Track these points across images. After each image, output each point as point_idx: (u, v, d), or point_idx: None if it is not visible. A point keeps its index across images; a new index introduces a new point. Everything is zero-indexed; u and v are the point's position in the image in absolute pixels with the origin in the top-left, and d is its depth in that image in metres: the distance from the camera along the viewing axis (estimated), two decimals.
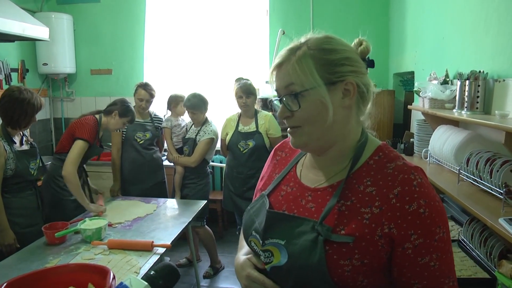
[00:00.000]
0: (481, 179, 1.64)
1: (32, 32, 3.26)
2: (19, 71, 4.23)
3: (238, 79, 3.15)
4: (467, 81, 1.89)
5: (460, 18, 2.28)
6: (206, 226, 3.32)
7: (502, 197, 1.46)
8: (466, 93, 1.89)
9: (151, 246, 2.08)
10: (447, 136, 2.07)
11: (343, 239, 0.79)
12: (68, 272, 1.42)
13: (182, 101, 3.36)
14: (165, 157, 3.73)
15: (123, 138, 3.28)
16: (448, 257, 0.80)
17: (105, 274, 1.35)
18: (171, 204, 2.94)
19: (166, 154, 3.54)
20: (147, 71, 4.55)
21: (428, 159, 2.28)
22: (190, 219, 2.60)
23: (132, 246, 2.10)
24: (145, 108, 3.30)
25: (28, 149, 2.45)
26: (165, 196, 3.37)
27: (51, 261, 1.96)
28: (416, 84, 2.68)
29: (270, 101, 3.21)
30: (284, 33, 4.18)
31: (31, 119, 2.38)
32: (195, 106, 3.13)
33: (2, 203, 2.23)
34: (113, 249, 2.08)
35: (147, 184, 3.31)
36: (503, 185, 1.47)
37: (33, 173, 2.43)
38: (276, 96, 0.90)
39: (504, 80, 1.74)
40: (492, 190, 1.56)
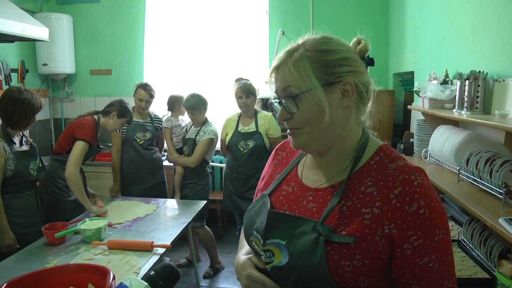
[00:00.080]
0: (481, 179, 1.64)
1: (32, 33, 3.26)
2: (19, 72, 4.22)
3: (238, 79, 3.15)
4: (467, 81, 1.89)
5: (459, 19, 2.28)
6: (206, 226, 3.31)
7: (502, 197, 1.46)
8: (466, 93, 1.89)
9: (151, 246, 2.08)
10: (447, 136, 2.07)
11: (344, 240, 0.79)
12: (68, 273, 1.42)
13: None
14: (165, 157, 3.73)
15: (123, 138, 3.28)
16: (447, 259, 0.79)
17: (105, 274, 1.35)
18: (171, 204, 2.94)
19: (166, 154, 3.55)
20: (147, 71, 4.55)
21: (428, 159, 2.28)
22: (190, 219, 2.60)
23: (132, 246, 2.10)
24: (144, 109, 3.30)
25: (28, 149, 2.45)
26: (165, 196, 3.37)
27: (51, 261, 1.96)
28: (416, 84, 2.68)
29: (270, 103, 3.22)
30: (283, 33, 4.18)
31: (31, 119, 2.38)
32: (194, 106, 3.13)
33: (2, 204, 2.23)
34: (113, 249, 2.08)
35: (147, 184, 3.31)
36: (503, 185, 1.47)
37: (32, 173, 2.42)
38: (276, 97, 0.90)
39: (504, 80, 1.74)
40: (492, 190, 1.56)
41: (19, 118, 2.31)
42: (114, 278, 1.34)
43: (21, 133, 2.44)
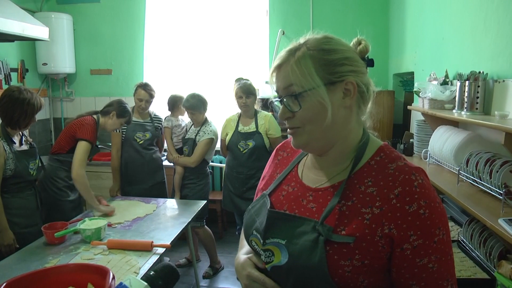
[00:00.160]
0: (480, 180, 1.64)
1: (32, 32, 3.26)
2: (19, 71, 4.22)
3: (238, 79, 3.15)
4: (467, 82, 1.89)
5: (459, 19, 2.28)
6: (206, 226, 3.31)
7: (501, 197, 1.46)
8: (466, 94, 1.89)
9: (150, 246, 2.08)
10: (446, 136, 2.07)
11: (343, 240, 0.79)
12: (67, 272, 1.42)
13: None
14: (165, 157, 3.73)
15: (123, 138, 3.28)
16: (447, 259, 0.79)
17: (104, 274, 1.35)
18: (170, 204, 2.94)
19: (166, 154, 3.55)
20: (147, 71, 4.55)
21: (428, 159, 2.28)
22: (190, 219, 2.60)
23: (131, 246, 2.10)
24: (144, 108, 3.30)
25: (28, 149, 2.45)
26: (165, 196, 3.37)
27: (51, 261, 1.96)
28: (416, 84, 2.68)
29: (271, 102, 3.22)
30: (284, 33, 4.18)
31: (31, 119, 2.37)
32: (194, 106, 3.13)
33: (1, 204, 2.22)
34: (113, 249, 2.08)
35: (147, 184, 3.31)
36: (503, 186, 1.47)
37: (32, 173, 2.42)
38: (276, 96, 0.90)
39: (504, 81, 1.74)
40: (491, 191, 1.56)
41: (19, 118, 2.31)
42: (113, 278, 1.34)
43: (20, 133, 2.44)
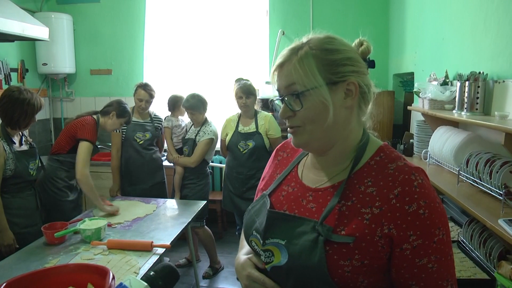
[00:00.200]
0: (480, 180, 1.64)
1: (32, 32, 3.26)
2: (19, 71, 4.22)
3: (238, 80, 3.15)
4: (467, 82, 1.89)
5: (459, 19, 2.28)
6: (206, 226, 3.31)
7: (501, 198, 1.46)
8: (466, 94, 1.89)
9: (150, 246, 2.08)
10: (446, 137, 2.07)
11: (343, 240, 0.79)
12: (67, 272, 1.42)
13: None
14: (165, 157, 3.73)
15: (123, 138, 3.29)
16: (447, 260, 0.79)
17: (104, 274, 1.35)
18: (170, 205, 2.94)
19: (166, 154, 3.55)
20: (147, 71, 4.55)
21: (428, 160, 2.28)
22: (190, 220, 2.60)
23: (131, 246, 2.10)
24: (144, 109, 3.30)
25: (28, 149, 2.45)
26: (165, 196, 3.37)
27: (51, 261, 1.96)
28: (416, 85, 2.68)
29: (271, 101, 3.22)
30: (284, 33, 4.18)
31: (31, 119, 2.37)
32: (193, 106, 3.13)
33: (1, 204, 2.22)
34: (113, 249, 2.08)
35: (147, 184, 3.31)
36: (503, 186, 1.47)
37: (32, 173, 2.42)
38: (277, 96, 0.90)
39: (504, 81, 1.74)
40: (491, 191, 1.56)
41: (19, 118, 2.31)
42: (113, 278, 1.34)
43: (20, 133, 2.44)
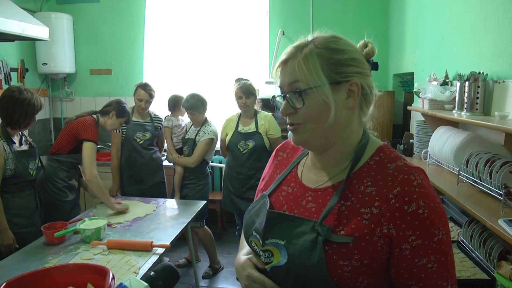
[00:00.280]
0: (480, 180, 1.64)
1: (32, 32, 3.26)
2: (19, 71, 4.22)
3: (238, 80, 3.15)
4: (467, 82, 1.89)
5: (459, 20, 2.28)
6: (206, 226, 3.31)
7: (501, 198, 1.46)
8: (466, 94, 1.89)
9: (150, 246, 2.08)
10: (446, 137, 2.07)
11: (342, 240, 0.78)
12: (67, 272, 1.42)
13: None
14: (165, 157, 3.73)
15: (123, 138, 3.29)
16: (447, 260, 0.79)
17: (104, 274, 1.35)
18: (170, 205, 2.94)
19: (166, 154, 3.55)
20: (147, 71, 4.55)
21: (428, 160, 2.28)
22: (190, 220, 2.60)
23: (131, 246, 2.10)
24: (144, 109, 3.30)
25: (27, 149, 2.45)
26: (165, 196, 3.37)
27: (50, 261, 1.96)
28: (416, 85, 2.68)
29: (273, 98, 3.22)
30: (284, 33, 4.18)
31: (31, 119, 2.37)
32: (193, 106, 3.13)
33: (1, 204, 2.22)
34: (113, 249, 2.08)
35: (147, 184, 3.31)
36: (503, 186, 1.47)
37: (32, 173, 2.42)
38: (279, 93, 0.90)
39: (504, 81, 1.74)
40: (491, 191, 1.56)
41: (19, 118, 2.31)
42: (113, 278, 1.34)
43: (20, 133, 2.44)
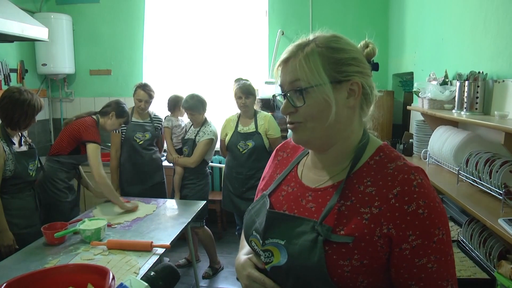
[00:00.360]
0: (480, 180, 1.64)
1: (31, 33, 3.25)
2: (18, 72, 4.22)
3: (238, 80, 3.15)
4: (467, 82, 1.89)
5: (459, 19, 2.28)
6: (205, 226, 3.31)
7: (501, 197, 1.46)
8: (466, 94, 1.89)
9: (150, 247, 2.08)
10: (446, 136, 2.07)
11: (342, 239, 0.78)
12: (67, 273, 1.42)
13: None
14: (165, 157, 3.73)
15: (123, 138, 3.29)
16: (447, 260, 0.79)
17: (104, 274, 1.35)
18: (170, 205, 2.94)
19: (166, 154, 3.54)
20: (147, 71, 4.55)
21: (428, 159, 2.28)
22: (190, 220, 2.60)
23: (131, 246, 2.10)
24: (144, 109, 3.30)
25: (27, 150, 2.45)
26: (165, 196, 3.37)
27: (51, 261, 1.95)
28: (416, 84, 2.68)
29: (274, 97, 3.22)
30: (283, 33, 4.18)
31: (31, 120, 2.37)
32: (193, 107, 3.13)
33: (1, 205, 2.22)
34: (113, 249, 2.08)
35: (147, 184, 3.31)
36: (503, 186, 1.47)
37: (31, 174, 2.42)
38: (279, 92, 0.90)
39: (504, 81, 1.74)
40: (491, 191, 1.56)
41: (19, 119, 2.31)
42: (113, 278, 1.34)
43: (20, 134, 2.44)
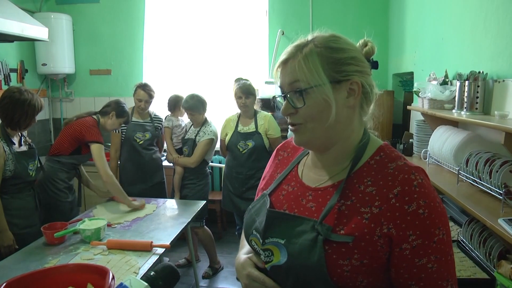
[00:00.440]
0: (480, 180, 1.64)
1: (31, 32, 3.25)
2: (18, 72, 4.22)
3: (238, 80, 3.14)
4: (467, 82, 1.89)
5: (459, 19, 2.28)
6: (205, 226, 3.31)
7: (501, 197, 1.46)
8: (466, 94, 1.89)
9: (150, 247, 2.08)
10: (446, 136, 2.07)
11: (342, 239, 0.78)
12: (67, 272, 1.42)
13: None
14: (165, 157, 3.73)
15: (123, 138, 3.29)
16: (447, 260, 0.79)
17: (104, 274, 1.35)
18: (170, 205, 2.94)
19: (166, 154, 3.54)
20: (147, 71, 4.55)
21: (428, 159, 2.28)
22: (189, 220, 2.60)
23: (131, 246, 2.10)
24: (144, 109, 3.30)
25: (27, 150, 2.44)
26: (165, 196, 3.37)
27: (50, 261, 1.95)
28: (416, 84, 2.68)
29: (274, 98, 3.23)
30: (283, 33, 4.18)
31: (31, 120, 2.37)
32: (193, 107, 3.13)
33: (1, 205, 2.22)
34: (112, 249, 2.08)
35: (147, 184, 3.31)
36: (503, 186, 1.47)
37: (31, 174, 2.41)
38: (279, 93, 0.90)
39: (504, 81, 1.74)
40: (491, 191, 1.56)
41: (19, 119, 2.31)
42: (113, 278, 1.33)
43: (20, 134, 2.44)
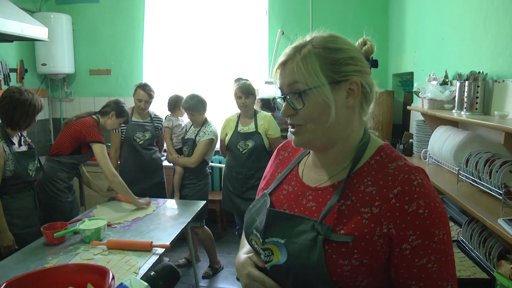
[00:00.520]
0: (480, 180, 1.64)
1: (31, 32, 3.25)
2: (18, 71, 4.22)
3: (238, 79, 3.14)
4: (467, 82, 1.89)
5: (459, 19, 2.28)
6: (205, 226, 3.31)
7: (501, 197, 1.46)
8: (466, 94, 1.89)
9: (150, 247, 2.08)
10: (446, 136, 2.07)
11: (342, 239, 0.78)
12: (67, 272, 1.42)
13: None
14: (165, 157, 3.73)
15: (123, 138, 3.29)
16: (447, 260, 0.79)
17: (104, 274, 1.35)
18: (170, 205, 2.94)
19: (166, 154, 3.54)
20: (146, 71, 4.54)
21: (427, 159, 2.28)
22: (189, 220, 2.60)
23: (131, 246, 2.10)
24: (144, 109, 3.30)
25: (27, 150, 2.44)
26: (165, 196, 3.37)
27: (50, 261, 1.95)
28: (416, 84, 2.68)
29: (274, 99, 3.23)
30: (283, 33, 4.18)
31: (31, 120, 2.37)
32: (193, 107, 3.13)
33: (1, 205, 2.22)
34: (112, 249, 2.08)
35: (147, 184, 3.31)
36: (502, 186, 1.47)
37: (31, 174, 2.41)
38: (279, 94, 0.90)
39: (504, 81, 1.74)
40: (491, 191, 1.56)
41: (19, 119, 2.30)
42: (113, 278, 1.33)
43: (19, 134, 2.43)
